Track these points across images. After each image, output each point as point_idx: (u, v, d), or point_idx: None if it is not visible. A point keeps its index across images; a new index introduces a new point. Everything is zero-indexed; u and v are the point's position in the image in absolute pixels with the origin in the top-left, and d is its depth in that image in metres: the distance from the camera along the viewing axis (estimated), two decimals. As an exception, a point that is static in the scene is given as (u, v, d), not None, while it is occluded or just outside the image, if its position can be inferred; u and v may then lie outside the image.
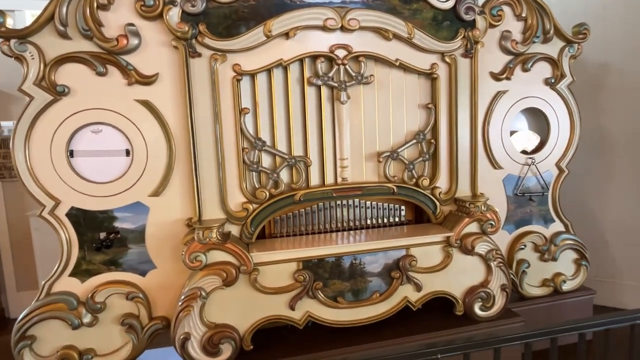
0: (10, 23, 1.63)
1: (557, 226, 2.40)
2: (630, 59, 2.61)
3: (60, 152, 1.74)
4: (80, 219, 1.78)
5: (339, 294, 1.93)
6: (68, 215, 1.77)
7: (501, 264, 2.08)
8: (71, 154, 1.77)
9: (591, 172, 2.73)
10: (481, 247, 2.04)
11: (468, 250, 2.03)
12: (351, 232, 2.11)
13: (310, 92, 1.97)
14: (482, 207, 2.03)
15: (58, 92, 1.69)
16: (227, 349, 1.80)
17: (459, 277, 2.07)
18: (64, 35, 1.67)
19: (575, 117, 2.34)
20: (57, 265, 1.78)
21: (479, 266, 2.08)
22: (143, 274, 1.87)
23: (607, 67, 2.67)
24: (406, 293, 2.01)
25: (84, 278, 1.81)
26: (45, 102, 1.69)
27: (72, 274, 1.80)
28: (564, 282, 2.38)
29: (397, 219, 2.19)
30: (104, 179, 1.80)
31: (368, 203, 2.13)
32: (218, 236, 1.76)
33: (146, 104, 1.78)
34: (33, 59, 1.66)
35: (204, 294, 1.75)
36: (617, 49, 2.62)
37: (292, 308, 1.88)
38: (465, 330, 2.04)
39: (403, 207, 2.21)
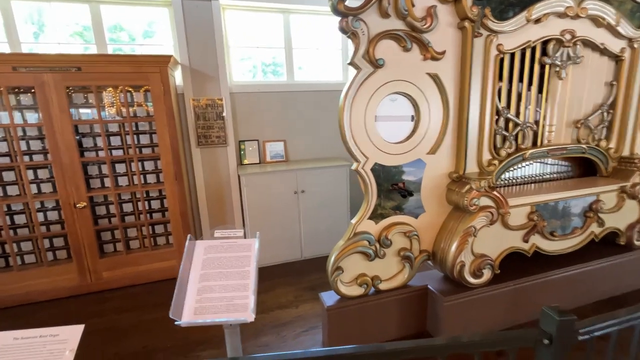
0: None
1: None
2: None
3: (370, 117, 1.84)
4: (380, 172, 1.92)
5: (554, 230, 2.23)
6: (372, 169, 1.90)
7: (651, 207, 2.45)
8: (374, 119, 1.87)
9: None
10: (642, 194, 2.38)
11: (634, 196, 2.36)
12: (552, 182, 2.38)
13: (536, 69, 2.15)
14: (647, 163, 2.35)
15: (378, 65, 1.77)
16: (487, 273, 2.07)
17: (625, 215, 2.42)
18: (385, 14, 1.72)
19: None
20: (362, 210, 1.93)
21: (636, 208, 2.44)
22: (416, 216, 2.05)
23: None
24: (593, 229, 2.34)
25: (377, 220, 1.98)
26: (367, 73, 1.77)
27: (370, 217, 1.96)
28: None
29: (569, 174, 2.49)
30: (394, 140, 1.93)
31: (553, 160, 2.40)
32: (487, 186, 1.97)
33: (434, 77, 1.89)
34: (364, 34, 1.71)
35: (475, 230, 1.98)
36: None
37: (526, 241, 2.16)
38: (628, 255, 2.43)
39: (571, 164, 2.50)
